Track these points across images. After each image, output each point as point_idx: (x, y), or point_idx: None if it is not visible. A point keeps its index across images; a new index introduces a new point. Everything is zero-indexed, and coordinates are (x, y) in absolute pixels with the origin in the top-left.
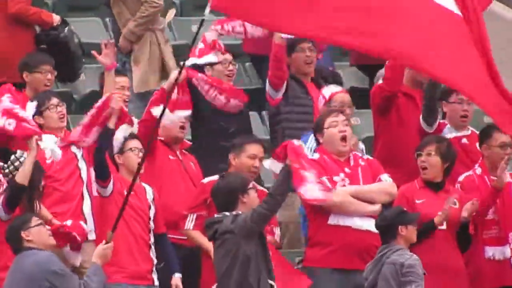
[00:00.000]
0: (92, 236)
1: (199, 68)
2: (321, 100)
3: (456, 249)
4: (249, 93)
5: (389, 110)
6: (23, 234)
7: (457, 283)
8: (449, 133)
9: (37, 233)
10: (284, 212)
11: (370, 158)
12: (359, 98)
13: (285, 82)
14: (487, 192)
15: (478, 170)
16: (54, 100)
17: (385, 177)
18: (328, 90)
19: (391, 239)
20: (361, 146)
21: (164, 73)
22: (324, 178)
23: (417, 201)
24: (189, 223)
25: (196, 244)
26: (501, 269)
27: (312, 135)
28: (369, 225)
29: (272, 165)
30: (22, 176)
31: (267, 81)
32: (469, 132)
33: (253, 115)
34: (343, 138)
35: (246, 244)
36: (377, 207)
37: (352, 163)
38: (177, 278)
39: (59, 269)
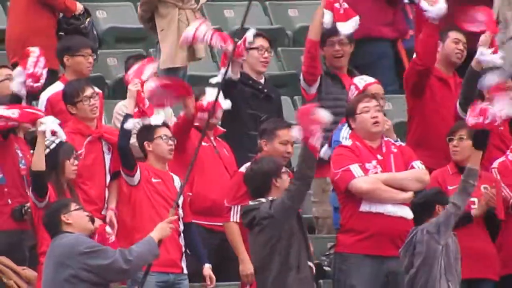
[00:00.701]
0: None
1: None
2: (353, 89)
3: (487, 233)
4: (282, 79)
5: (423, 90)
6: (63, 217)
7: (490, 268)
8: None
9: (78, 217)
10: (320, 207)
11: (403, 144)
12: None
13: (319, 77)
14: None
15: (511, 156)
16: (88, 92)
17: (418, 164)
18: (362, 81)
19: (426, 218)
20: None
21: (191, 51)
22: (356, 165)
23: (449, 187)
24: (235, 215)
25: (229, 239)
26: None
27: (345, 125)
28: (402, 211)
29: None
30: (36, 162)
31: (301, 76)
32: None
33: (285, 100)
34: (375, 123)
35: (287, 227)
36: (410, 195)
37: (384, 150)
38: (208, 268)
39: (87, 248)
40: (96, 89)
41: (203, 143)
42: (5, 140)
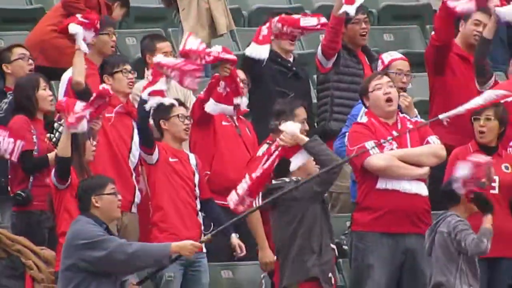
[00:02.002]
0: (134, 209)
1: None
2: (379, 65)
3: (507, 212)
4: (302, 58)
5: (443, 67)
6: (93, 198)
7: (509, 247)
8: None
9: (108, 202)
10: (337, 182)
11: (418, 120)
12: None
13: (337, 52)
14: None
15: None
16: (128, 66)
17: (433, 139)
18: (388, 55)
19: (453, 205)
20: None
21: (213, 29)
22: (372, 143)
23: None
24: (257, 199)
25: (250, 225)
26: None
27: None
28: (418, 188)
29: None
30: (61, 149)
31: (319, 49)
32: None
33: None
34: (389, 100)
35: (311, 210)
36: (425, 170)
37: (399, 126)
38: (235, 237)
39: (85, 239)
40: None
41: (224, 122)
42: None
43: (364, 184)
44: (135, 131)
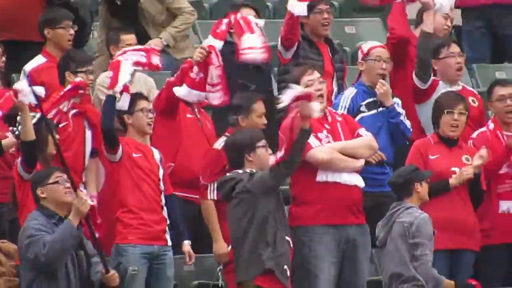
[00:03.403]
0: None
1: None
2: (359, 54)
3: (469, 204)
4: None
5: (403, 60)
6: (38, 191)
7: (470, 239)
8: (443, 89)
9: (52, 192)
10: None
11: (345, 113)
12: None
13: (297, 43)
14: (500, 150)
15: (491, 126)
16: (91, 67)
17: (363, 132)
18: (367, 44)
19: (405, 197)
20: (398, 100)
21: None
22: (312, 136)
23: (431, 157)
24: (212, 193)
25: (205, 217)
26: None
27: (344, 94)
28: (356, 180)
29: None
30: (24, 133)
31: (279, 40)
32: (461, 87)
33: None
34: (320, 96)
35: (264, 202)
36: (362, 162)
37: (330, 119)
38: (187, 244)
39: (28, 239)
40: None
41: (188, 115)
42: None
43: (302, 178)
44: (87, 132)
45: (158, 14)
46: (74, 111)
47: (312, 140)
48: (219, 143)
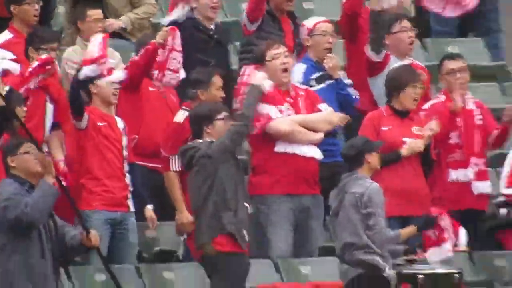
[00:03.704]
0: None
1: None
2: (303, 30)
3: (420, 173)
4: (225, 26)
5: (356, 34)
6: (9, 160)
7: (422, 206)
8: (394, 63)
9: (22, 161)
10: None
11: (309, 88)
12: None
13: (261, 17)
14: (445, 117)
15: (442, 98)
16: (55, 44)
17: (324, 106)
18: (311, 20)
19: (357, 167)
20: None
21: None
22: (273, 109)
23: (383, 128)
24: (174, 165)
25: (168, 188)
26: (463, 191)
27: (295, 69)
28: (313, 152)
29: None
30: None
31: (244, 13)
32: (410, 60)
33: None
34: (285, 70)
35: (224, 168)
36: (321, 135)
37: (292, 93)
38: (149, 209)
39: (5, 201)
40: None
41: (151, 88)
42: None
43: (261, 148)
44: (49, 106)
45: (121, 7)
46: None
47: (273, 112)
48: (179, 116)
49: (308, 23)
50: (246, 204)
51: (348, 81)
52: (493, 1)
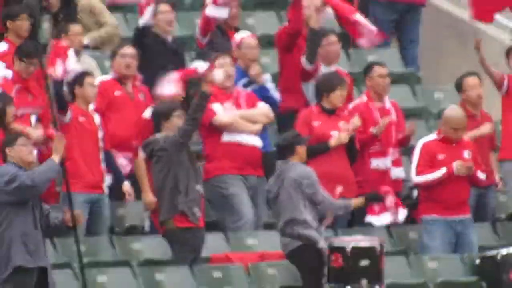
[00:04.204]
0: None
1: None
2: (233, 43)
3: (346, 161)
4: (180, 40)
5: (292, 48)
6: (7, 149)
7: (348, 189)
8: (324, 70)
9: (18, 151)
10: None
11: (249, 91)
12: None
13: (211, 31)
14: (368, 135)
15: (364, 98)
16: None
17: (262, 104)
18: (238, 35)
19: (289, 156)
20: (268, 77)
21: None
22: (217, 104)
23: (314, 123)
24: (143, 154)
25: (136, 174)
26: (383, 177)
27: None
28: (254, 140)
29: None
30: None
31: (198, 29)
32: (335, 68)
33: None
34: (229, 76)
35: (177, 158)
36: (260, 126)
37: (235, 94)
38: (126, 184)
39: (8, 177)
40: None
41: (117, 93)
42: None
43: (210, 139)
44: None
45: (93, 25)
46: (18, 86)
47: (217, 107)
48: (147, 113)
49: (236, 37)
50: (198, 187)
51: (270, 84)
52: (416, 15)
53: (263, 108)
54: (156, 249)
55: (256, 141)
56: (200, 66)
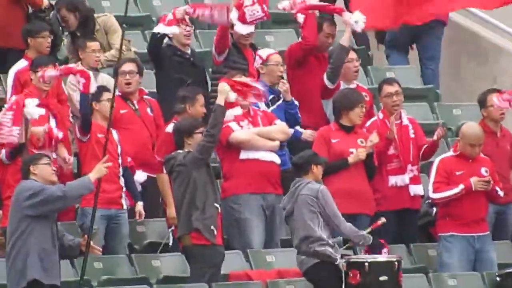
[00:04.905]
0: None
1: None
2: (258, 60)
3: (365, 177)
4: (200, 55)
5: (303, 63)
6: (31, 167)
7: (366, 205)
8: (344, 87)
9: (42, 169)
10: None
11: (266, 110)
12: None
13: (227, 49)
14: (383, 141)
15: (381, 115)
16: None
17: (279, 122)
18: (264, 52)
19: (303, 174)
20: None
21: None
22: (234, 123)
23: (332, 140)
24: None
25: (160, 188)
26: (401, 194)
27: None
28: (272, 157)
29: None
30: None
31: (213, 46)
32: (355, 85)
33: None
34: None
35: (196, 174)
36: (277, 143)
37: (252, 113)
38: (139, 205)
39: (33, 191)
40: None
41: (121, 111)
42: None
43: (228, 156)
44: (51, 120)
45: (107, 46)
46: (37, 102)
47: (234, 126)
48: (169, 127)
49: (262, 54)
50: (216, 205)
51: (296, 102)
52: (437, 32)
53: (280, 125)
54: (176, 266)
55: (274, 158)
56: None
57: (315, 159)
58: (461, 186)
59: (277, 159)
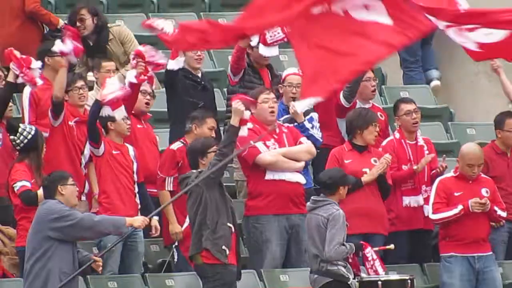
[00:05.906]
0: (83, 197)
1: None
2: (279, 79)
3: (379, 196)
4: (214, 75)
5: None
6: (60, 187)
7: (380, 225)
8: (358, 106)
9: (70, 191)
10: (239, 172)
11: (291, 126)
12: None
13: (243, 70)
14: (407, 171)
15: (397, 135)
16: (79, 83)
17: (304, 140)
18: (285, 71)
19: (329, 194)
20: (315, 115)
21: None
22: (260, 143)
23: (346, 161)
24: (169, 185)
25: (162, 204)
26: (415, 214)
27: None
28: (297, 177)
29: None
30: (59, 89)
31: (229, 67)
32: (371, 104)
33: (217, 91)
34: (272, 112)
35: (207, 193)
36: (302, 164)
37: (277, 130)
38: (155, 220)
39: (58, 214)
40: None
41: (138, 125)
42: None
43: (254, 176)
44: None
45: (122, 55)
46: (76, 119)
47: (261, 146)
48: (175, 145)
49: (283, 73)
50: (229, 224)
51: (310, 125)
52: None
53: (305, 145)
54: (189, 285)
55: (299, 178)
56: None
57: (345, 180)
58: (460, 207)
59: (302, 179)
